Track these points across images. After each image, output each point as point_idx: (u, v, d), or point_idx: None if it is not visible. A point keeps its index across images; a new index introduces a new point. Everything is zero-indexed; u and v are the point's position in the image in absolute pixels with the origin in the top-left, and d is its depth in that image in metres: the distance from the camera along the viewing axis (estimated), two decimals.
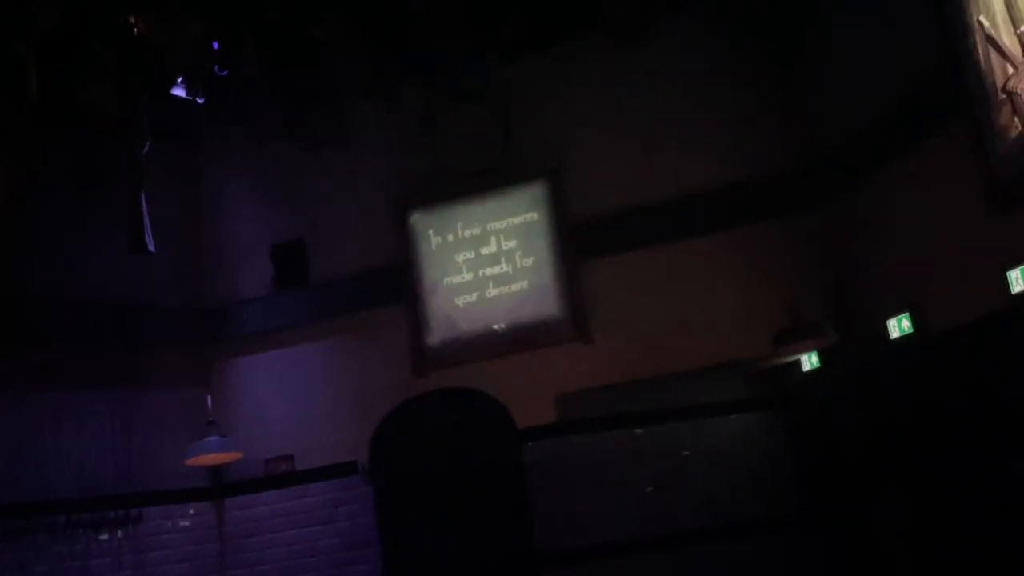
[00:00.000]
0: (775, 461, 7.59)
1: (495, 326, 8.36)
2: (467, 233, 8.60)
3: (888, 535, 6.56)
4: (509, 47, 8.26)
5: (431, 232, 8.67)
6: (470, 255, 8.55)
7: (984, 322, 5.70)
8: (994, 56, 5.52)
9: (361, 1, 7.26)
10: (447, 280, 8.55)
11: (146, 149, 7.29)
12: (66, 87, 6.78)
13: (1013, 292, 5.56)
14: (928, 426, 6.13)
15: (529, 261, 8.41)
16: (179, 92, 7.77)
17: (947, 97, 5.99)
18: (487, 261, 8.50)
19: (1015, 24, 5.33)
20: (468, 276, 8.52)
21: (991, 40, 5.51)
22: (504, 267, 8.46)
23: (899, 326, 6.66)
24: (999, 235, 5.66)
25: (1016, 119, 5.39)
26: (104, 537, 7.79)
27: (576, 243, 8.30)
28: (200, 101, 7.82)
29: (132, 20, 6.82)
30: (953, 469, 5.90)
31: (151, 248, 7.19)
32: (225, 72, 7.45)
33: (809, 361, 7.62)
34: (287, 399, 8.64)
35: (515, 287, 8.40)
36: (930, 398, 6.13)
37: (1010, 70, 5.41)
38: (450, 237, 8.63)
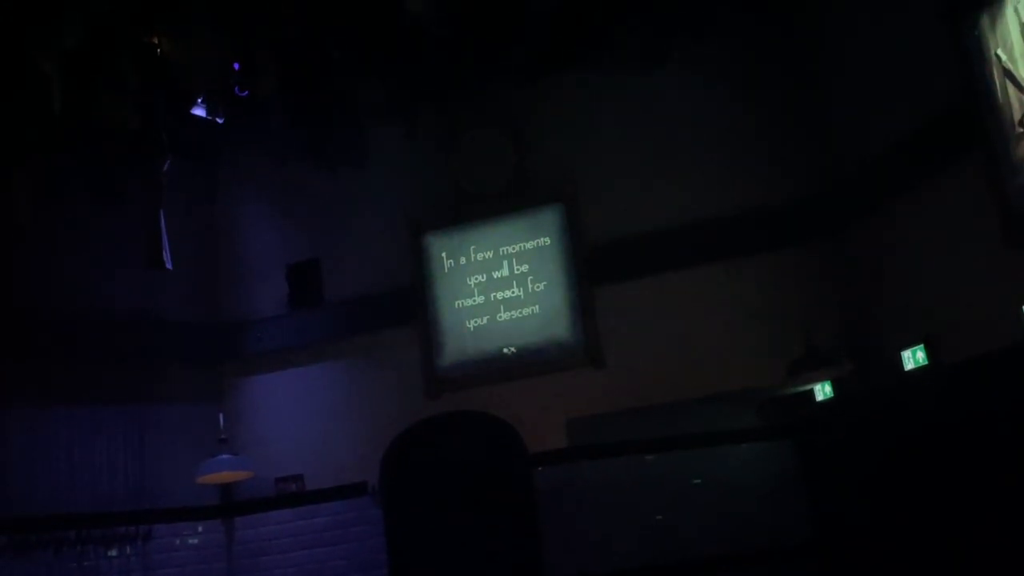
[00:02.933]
0: (786, 490, 7.56)
1: (506, 350, 8.36)
2: (479, 256, 8.62)
3: (899, 566, 6.52)
4: (525, 71, 8.31)
5: (444, 255, 8.70)
6: (482, 278, 8.56)
7: (999, 355, 5.67)
8: (1011, 89, 5.53)
9: (379, 23, 7.32)
10: (459, 303, 8.56)
11: (166, 167, 7.36)
12: (88, 104, 6.84)
13: None
14: (941, 459, 6.09)
15: (541, 286, 8.42)
16: (199, 112, 7.86)
17: (964, 129, 6.00)
18: (499, 285, 8.52)
19: None
20: (480, 299, 8.54)
21: (1008, 73, 5.53)
22: (516, 291, 8.47)
23: (914, 357, 6.63)
24: (1015, 268, 5.66)
25: None
26: (113, 553, 7.79)
27: (589, 268, 8.31)
28: (220, 121, 7.90)
29: (155, 40, 6.90)
30: (967, 502, 5.87)
31: (168, 265, 7.25)
32: (246, 93, 7.53)
33: (822, 391, 7.57)
34: (299, 418, 8.65)
35: (526, 311, 8.40)
36: (944, 430, 6.10)
37: None
38: (462, 260, 8.65)
